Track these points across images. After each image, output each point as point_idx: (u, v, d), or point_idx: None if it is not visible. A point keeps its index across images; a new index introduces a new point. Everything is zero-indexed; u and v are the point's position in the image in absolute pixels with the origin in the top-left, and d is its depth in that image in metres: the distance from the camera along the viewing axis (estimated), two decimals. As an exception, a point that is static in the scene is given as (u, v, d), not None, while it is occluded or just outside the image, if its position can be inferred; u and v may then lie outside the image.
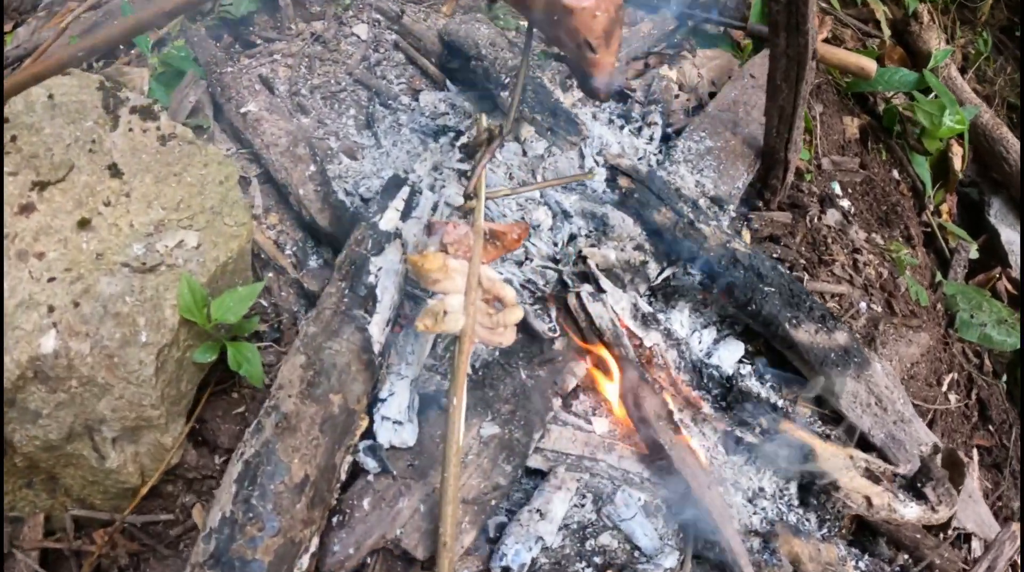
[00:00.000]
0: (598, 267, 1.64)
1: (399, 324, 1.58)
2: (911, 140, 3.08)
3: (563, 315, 1.59)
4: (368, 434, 1.39)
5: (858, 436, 1.96)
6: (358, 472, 1.38)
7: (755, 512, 1.62)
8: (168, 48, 2.25)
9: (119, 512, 1.46)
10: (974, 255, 3.04)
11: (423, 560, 1.29)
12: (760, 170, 2.22)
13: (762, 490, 1.66)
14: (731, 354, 1.79)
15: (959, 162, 3.11)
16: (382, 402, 1.41)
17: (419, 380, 1.49)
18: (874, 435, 1.86)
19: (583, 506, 1.49)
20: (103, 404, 1.29)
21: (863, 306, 2.31)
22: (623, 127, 2.16)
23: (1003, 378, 2.66)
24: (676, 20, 2.77)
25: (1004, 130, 3.19)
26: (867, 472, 1.73)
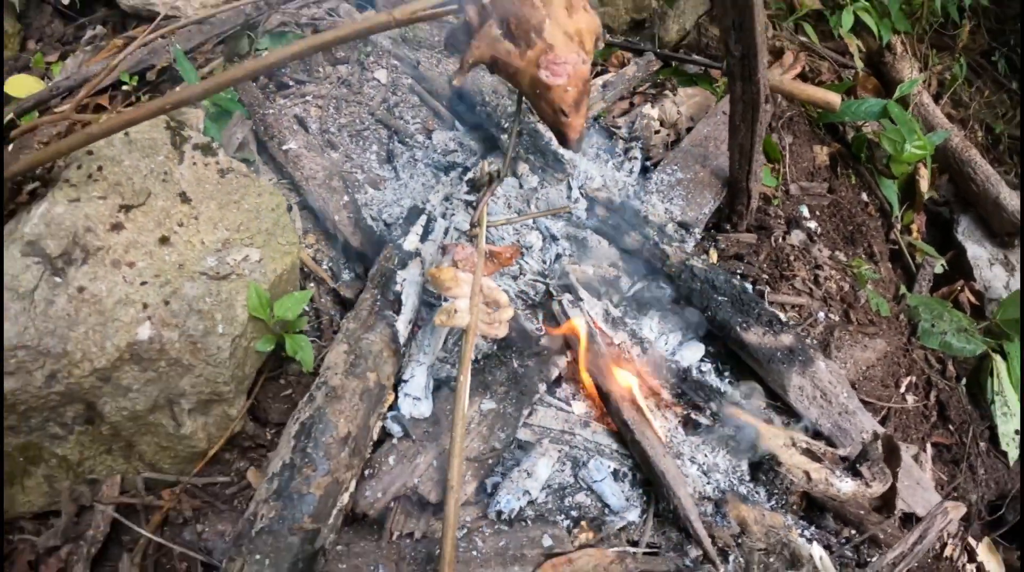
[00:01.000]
0: (578, 281, 2.09)
1: (418, 324, 2.03)
2: (879, 165, 3.50)
3: (548, 318, 2.05)
4: (394, 407, 1.83)
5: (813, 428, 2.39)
6: (384, 437, 1.82)
7: (709, 483, 2.03)
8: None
9: (184, 475, 1.89)
10: (939, 270, 3.43)
11: (435, 504, 1.72)
12: (727, 198, 2.68)
13: (716, 465, 2.07)
14: (693, 354, 2.22)
15: (926, 184, 3.52)
16: (405, 382, 1.86)
17: (433, 367, 1.94)
18: (821, 425, 2.23)
19: (563, 471, 1.91)
20: (185, 381, 1.74)
21: (821, 316, 2.73)
22: (608, 161, 2.62)
23: (962, 381, 3.05)
24: (660, 62, 3.25)
25: (972, 152, 3.62)
26: (807, 451, 2.14)
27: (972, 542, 2.61)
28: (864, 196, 3.44)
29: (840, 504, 2.15)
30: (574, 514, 1.85)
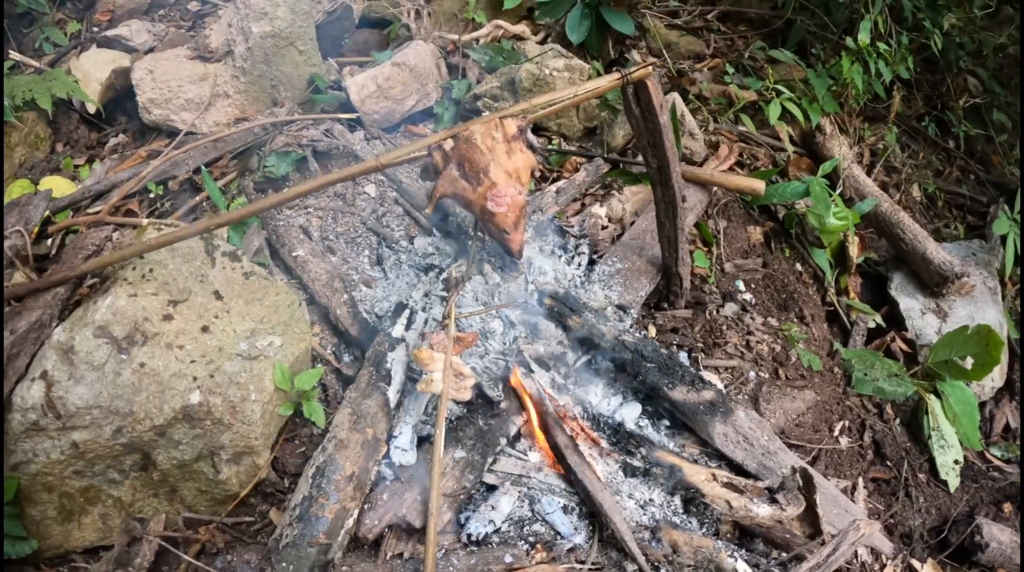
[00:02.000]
0: (531, 357, 2.76)
1: (404, 393, 2.67)
2: (811, 237, 4.05)
3: (507, 387, 2.70)
4: (386, 456, 2.45)
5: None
6: (379, 480, 2.44)
7: (645, 514, 2.63)
8: (234, 204, 3.44)
9: (217, 515, 2.49)
10: (873, 325, 3.96)
11: (419, 529, 2.32)
12: (663, 281, 3.37)
13: (652, 500, 2.66)
14: (631, 412, 2.86)
15: (855, 249, 4.05)
16: (395, 437, 2.49)
17: (417, 426, 2.57)
18: (747, 464, 2.78)
19: (522, 506, 2.51)
20: (224, 436, 2.36)
21: (752, 374, 3.34)
22: (561, 257, 3.32)
23: (896, 420, 3.59)
24: (608, 165, 3.97)
25: (901, 214, 4.14)
26: (728, 484, 2.71)
27: (916, 564, 3.17)
28: (798, 266, 4.03)
29: (768, 530, 2.64)
30: (531, 539, 2.44)
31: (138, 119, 3.72)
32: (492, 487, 2.55)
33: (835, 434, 3.45)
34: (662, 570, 2.44)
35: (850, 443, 3.45)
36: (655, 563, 2.44)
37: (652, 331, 3.25)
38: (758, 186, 3.77)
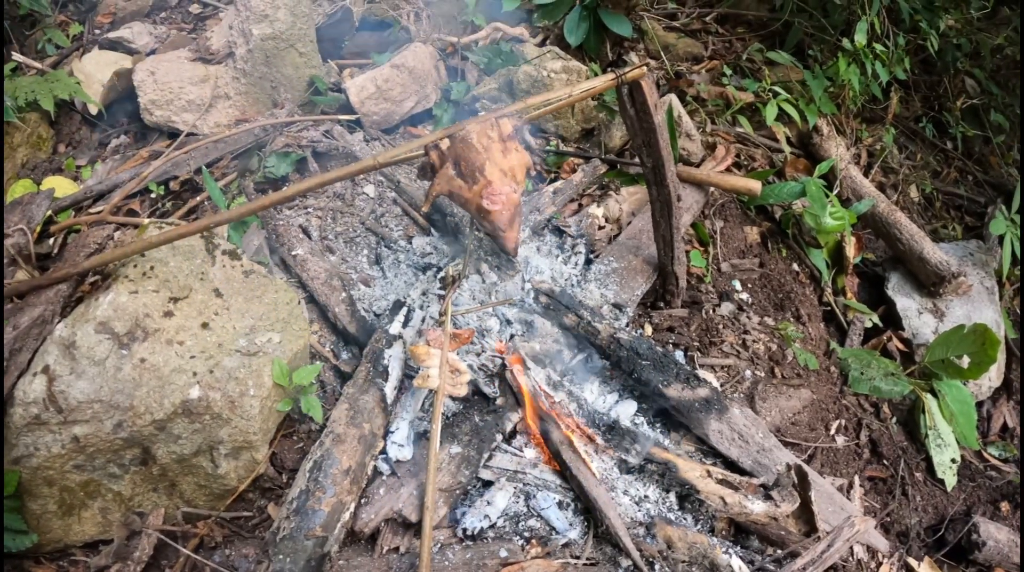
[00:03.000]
0: (527, 354, 2.79)
1: (401, 390, 2.70)
2: (807, 237, 4.07)
3: (503, 384, 2.73)
4: (383, 451, 2.49)
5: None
6: (376, 475, 2.47)
7: (640, 510, 2.66)
8: (234, 203, 3.48)
9: (215, 510, 2.52)
10: (869, 325, 3.99)
11: (415, 523, 2.36)
12: (659, 280, 3.40)
13: (647, 497, 2.69)
14: (626, 409, 2.89)
15: (852, 250, 4.07)
16: (392, 433, 2.52)
17: (413, 422, 2.61)
18: (742, 462, 2.80)
19: (517, 502, 2.55)
20: (223, 431, 2.40)
21: (748, 373, 3.37)
22: (558, 257, 3.35)
23: (893, 419, 3.62)
24: (605, 165, 4.01)
25: (898, 215, 4.17)
26: (723, 481, 2.73)
27: (912, 562, 3.19)
28: (795, 266, 4.06)
29: (763, 527, 2.65)
30: (526, 535, 2.47)
31: (139, 120, 3.78)
32: (488, 483, 2.58)
33: (831, 433, 3.48)
34: (656, 566, 2.47)
35: (846, 442, 3.47)
36: (649, 559, 2.47)
37: (648, 330, 3.28)
38: (755, 186, 3.80)
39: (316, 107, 3.89)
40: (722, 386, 3.21)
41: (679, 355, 3.22)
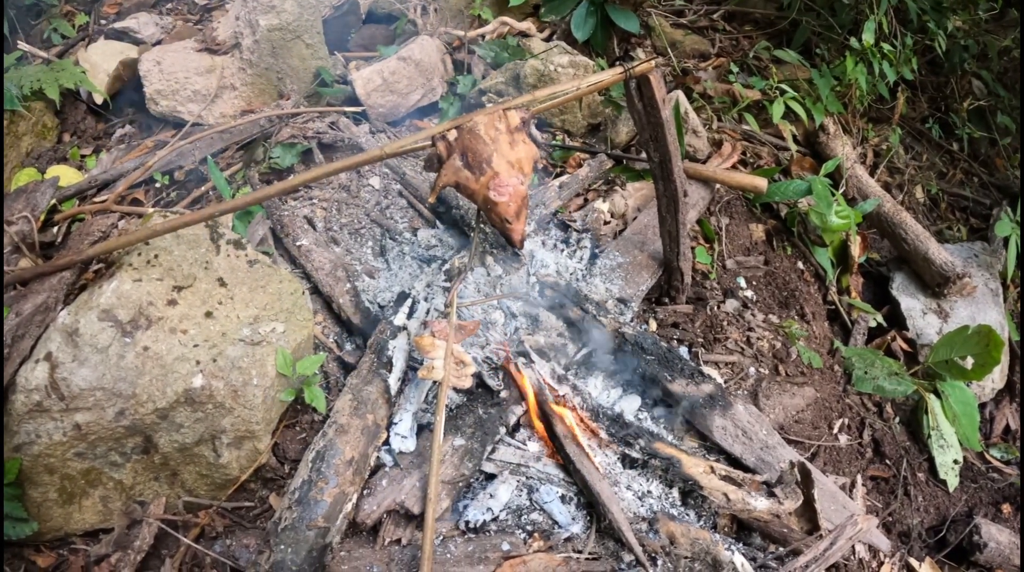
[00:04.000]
0: (531, 348, 2.77)
1: (405, 381, 2.69)
2: (812, 236, 4.07)
3: (507, 376, 2.71)
4: (386, 443, 2.47)
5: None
6: (378, 467, 2.45)
7: (643, 505, 2.64)
8: (239, 194, 3.46)
9: (216, 499, 2.50)
10: (874, 324, 3.98)
11: (417, 515, 2.34)
12: (664, 276, 3.38)
13: (649, 492, 2.67)
14: (630, 404, 2.87)
15: (857, 249, 4.06)
16: (395, 424, 2.50)
17: (417, 414, 2.59)
18: (746, 458, 2.79)
19: (520, 495, 2.53)
20: (226, 420, 2.38)
21: (752, 370, 3.36)
22: (563, 251, 3.34)
23: (896, 419, 3.61)
24: (611, 161, 3.99)
25: (903, 215, 4.17)
26: (726, 477, 2.73)
27: (914, 562, 3.18)
28: (800, 265, 4.05)
29: (765, 524, 2.64)
30: (529, 528, 2.45)
31: (145, 110, 3.76)
32: (491, 475, 2.56)
33: (834, 431, 3.47)
34: (659, 561, 2.45)
35: (849, 441, 3.46)
36: (652, 554, 2.45)
37: (653, 325, 3.26)
38: (760, 184, 3.79)
39: (322, 99, 3.88)
40: (726, 383, 3.20)
41: (683, 351, 3.20)
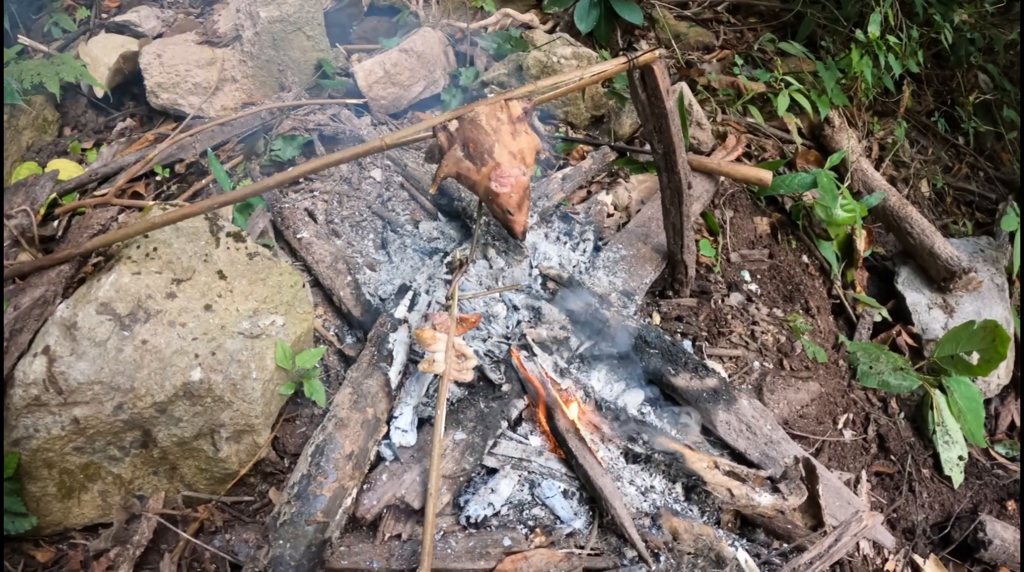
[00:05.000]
0: (534, 341, 2.73)
1: (406, 375, 2.65)
2: (817, 229, 4.01)
3: (509, 370, 2.68)
4: (386, 436, 2.44)
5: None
6: (378, 461, 2.42)
7: (646, 501, 2.61)
8: (239, 186, 3.42)
9: (216, 494, 2.47)
10: (879, 319, 3.94)
11: (418, 510, 2.31)
12: (668, 269, 3.34)
13: (653, 487, 2.64)
14: (634, 398, 2.84)
15: (862, 243, 4.01)
16: (395, 418, 2.47)
17: (417, 408, 2.56)
18: (750, 453, 2.77)
19: (521, 490, 2.49)
20: (225, 414, 2.35)
21: (756, 364, 3.32)
22: (566, 243, 3.30)
23: (901, 415, 3.58)
24: (614, 153, 3.95)
25: (909, 209, 4.11)
26: (730, 472, 2.68)
27: (918, 559, 3.14)
28: (805, 258, 4.00)
29: (769, 520, 2.62)
30: (530, 523, 2.42)
31: (146, 103, 3.73)
32: (492, 470, 2.53)
33: (839, 426, 3.43)
34: (662, 557, 2.42)
35: (854, 436, 3.43)
36: (655, 550, 2.42)
37: (656, 319, 3.23)
38: (765, 177, 3.75)
39: (323, 91, 3.84)
40: (730, 377, 3.16)
41: (687, 345, 3.17)
